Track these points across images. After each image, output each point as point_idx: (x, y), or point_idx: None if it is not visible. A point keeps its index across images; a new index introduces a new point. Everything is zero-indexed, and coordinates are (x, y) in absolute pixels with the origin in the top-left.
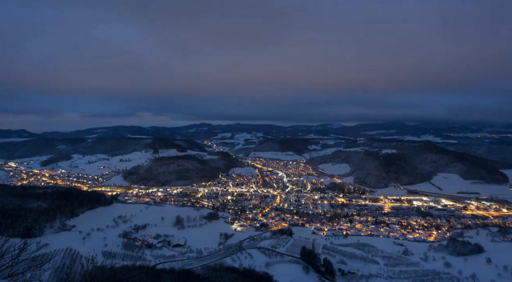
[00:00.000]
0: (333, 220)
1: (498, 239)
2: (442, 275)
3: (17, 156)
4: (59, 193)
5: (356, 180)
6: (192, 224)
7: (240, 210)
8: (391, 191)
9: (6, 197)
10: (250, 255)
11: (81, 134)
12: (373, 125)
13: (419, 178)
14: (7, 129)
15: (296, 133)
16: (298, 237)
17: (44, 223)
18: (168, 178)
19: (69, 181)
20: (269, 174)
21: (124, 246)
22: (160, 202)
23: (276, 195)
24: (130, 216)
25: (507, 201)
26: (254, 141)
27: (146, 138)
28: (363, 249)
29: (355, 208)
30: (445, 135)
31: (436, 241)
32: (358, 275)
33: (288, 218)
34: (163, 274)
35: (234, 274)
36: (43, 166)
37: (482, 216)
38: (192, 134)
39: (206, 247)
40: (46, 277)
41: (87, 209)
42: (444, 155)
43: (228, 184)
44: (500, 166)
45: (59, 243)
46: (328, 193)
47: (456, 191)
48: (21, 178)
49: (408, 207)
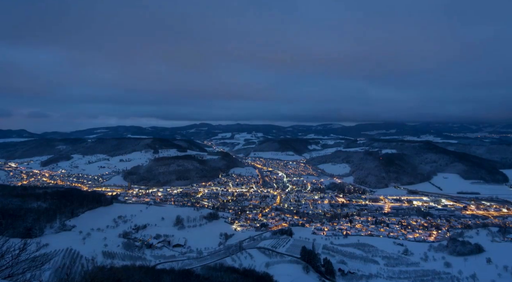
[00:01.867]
0: (333, 220)
1: (498, 239)
2: (442, 275)
3: (17, 156)
4: (59, 193)
5: (356, 180)
6: (192, 224)
7: (240, 210)
8: (391, 191)
9: (6, 197)
10: (250, 255)
11: (81, 135)
12: (373, 125)
13: (419, 178)
14: (7, 129)
15: (296, 133)
16: (298, 237)
17: (44, 223)
18: (168, 178)
19: (69, 181)
20: (269, 174)
21: (124, 246)
22: (160, 202)
23: (276, 195)
24: (130, 216)
25: (507, 201)
26: (254, 141)
27: (146, 139)
28: (363, 249)
29: (355, 208)
30: (445, 135)
31: (436, 241)
32: (358, 275)
33: (288, 218)
34: (163, 274)
35: (234, 274)
36: (43, 166)
37: (482, 216)
38: (192, 135)
39: (206, 247)
40: (46, 277)
41: (87, 209)
42: (444, 155)
43: (228, 184)
44: (500, 166)
45: (59, 243)
46: (328, 193)
47: (456, 191)
48: (21, 178)
49: (408, 207)
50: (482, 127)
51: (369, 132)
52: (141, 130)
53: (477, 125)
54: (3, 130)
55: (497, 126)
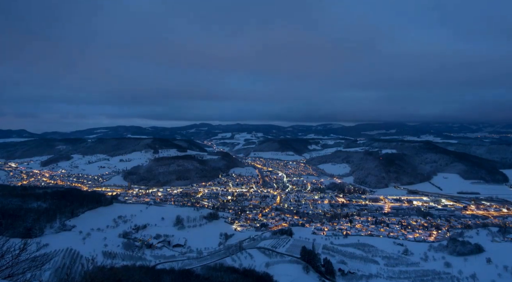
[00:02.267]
0: (333, 220)
1: (498, 239)
2: (442, 275)
3: (17, 156)
4: (59, 193)
5: (356, 180)
6: (192, 224)
7: (240, 210)
8: (391, 191)
9: (6, 197)
10: (250, 255)
11: (81, 135)
12: (373, 125)
13: (419, 178)
14: (7, 129)
15: (296, 133)
16: (298, 237)
17: (44, 223)
18: (168, 178)
19: (69, 181)
20: (269, 174)
21: (124, 246)
22: (160, 202)
23: (276, 195)
24: (130, 216)
25: (507, 201)
26: (254, 141)
27: (146, 139)
28: (363, 249)
29: (355, 208)
30: (445, 135)
31: (436, 241)
32: (358, 275)
33: (288, 218)
34: (163, 274)
35: (234, 274)
36: (43, 166)
37: (482, 216)
38: (192, 135)
39: (206, 247)
40: (46, 277)
41: (87, 209)
42: (444, 155)
43: (228, 184)
44: (500, 166)
45: (59, 243)
46: (328, 193)
47: (456, 191)
48: (21, 178)
49: (408, 207)
50: (482, 127)
51: (369, 132)
52: (141, 130)
53: (477, 125)
54: (3, 130)
55: (497, 126)
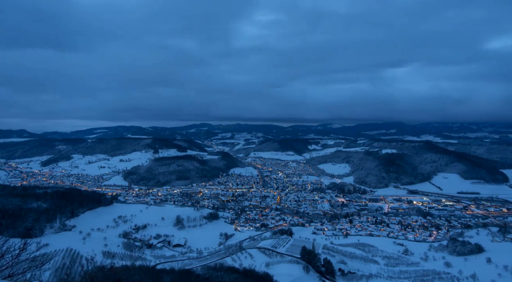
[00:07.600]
0: (333, 220)
1: (498, 239)
2: (442, 275)
3: (17, 156)
4: (59, 193)
5: (356, 180)
6: (192, 224)
7: (240, 210)
8: (391, 191)
9: (6, 197)
10: (250, 255)
11: (81, 135)
12: (373, 125)
13: (419, 178)
14: (7, 129)
15: (296, 133)
16: (298, 237)
17: (44, 223)
18: (168, 178)
19: (69, 181)
20: (269, 174)
21: (124, 246)
22: (160, 202)
23: (276, 195)
24: (130, 216)
25: (507, 201)
26: (254, 141)
27: (146, 139)
28: (363, 249)
29: (355, 208)
30: (445, 135)
31: (436, 241)
32: (358, 275)
33: (288, 218)
34: (163, 274)
35: (235, 274)
36: (43, 166)
37: (482, 215)
38: (192, 135)
39: (206, 247)
40: (46, 277)
41: (87, 209)
42: (444, 155)
43: (228, 184)
44: (500, 165)
45: (59, 243)
46: (328, 193)
47: (456, 191)
48: (21, 178)
49: (408, 207)
50: (482, 127)
51: (369, 132)
52: (141, 130)
53: (477, 125)
54: (3, 131)
55: (497, 126)
